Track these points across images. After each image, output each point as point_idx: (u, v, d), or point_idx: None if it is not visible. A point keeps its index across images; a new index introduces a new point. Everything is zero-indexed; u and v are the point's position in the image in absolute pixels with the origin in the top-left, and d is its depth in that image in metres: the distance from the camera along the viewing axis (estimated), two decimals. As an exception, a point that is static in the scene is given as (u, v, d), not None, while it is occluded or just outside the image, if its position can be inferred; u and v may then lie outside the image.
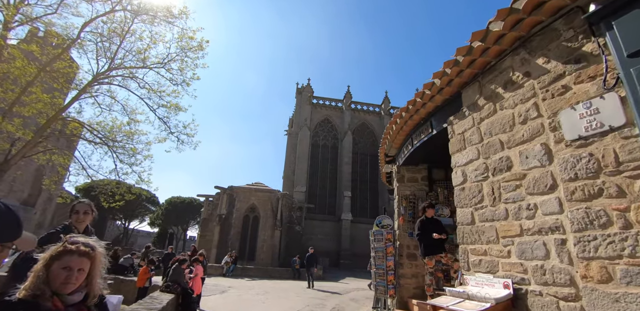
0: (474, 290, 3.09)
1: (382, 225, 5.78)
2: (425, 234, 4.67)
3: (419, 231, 4.72)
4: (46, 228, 33.43)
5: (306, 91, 33.71)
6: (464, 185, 3.77)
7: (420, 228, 4.73)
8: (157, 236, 48.00)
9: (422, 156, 6.02)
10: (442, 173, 6.26)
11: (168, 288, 6.68)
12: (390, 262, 5.31)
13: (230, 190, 22.86)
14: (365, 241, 27.76)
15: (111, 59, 10.81)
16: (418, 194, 6.06)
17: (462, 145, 3.90)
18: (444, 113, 4.54)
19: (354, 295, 11.16)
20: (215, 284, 12.70)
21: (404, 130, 5.49)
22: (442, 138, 4.90)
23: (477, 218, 3.46)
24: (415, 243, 5.76)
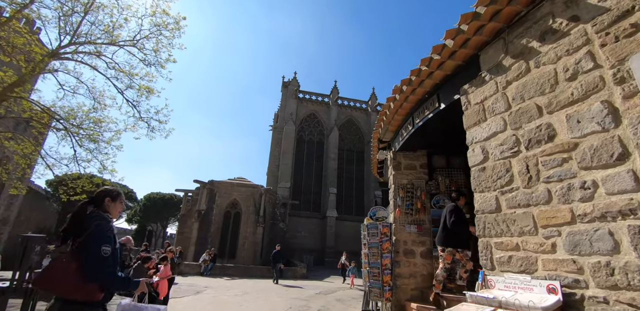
0: (505, 295, 2.38)
1: (376, 217, 5.06)
2: (461, 224, 4.01)
3: (454, 219, 4.03)
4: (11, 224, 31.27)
5: (292, 85, 32.75)
6: (484, 165, 3.06)
7: (457, 216, 4.09)
8: (135, 233, 46.13)
9: (421, 141, 5.32)
10: (443, 161, 5.58)
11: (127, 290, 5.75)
12: (387, 260, 4.59)
13: (210, 184, 21.73)
14: (350, 239, 27.26)
15: (74, 32, 9.62)
16: (416, 183, 5.36)
17: (482, 116, 3.19)
18: (454, 84, 3.83)
19: (340, 294, 10.45)
20: (191, 284, 11.73)
21: (404, 107, 4.75)
22: (449, 116, 4.21)
23: (505, 204, 2.75)
24: (413, 238, 5.07)
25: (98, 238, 1.80)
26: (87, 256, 1.76)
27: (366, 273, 5.11)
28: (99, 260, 1.76)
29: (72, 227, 1.87)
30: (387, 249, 4.66)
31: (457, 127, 4.52)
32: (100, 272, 1.76)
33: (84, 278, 1.72)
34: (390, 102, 4.92)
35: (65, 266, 1.75)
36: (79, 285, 1.71)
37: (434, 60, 3.77)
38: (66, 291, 1.72)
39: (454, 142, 5.33)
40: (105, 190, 2.07)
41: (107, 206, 2.02)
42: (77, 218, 1.90)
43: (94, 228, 1.81)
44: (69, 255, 1.79)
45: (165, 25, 10.90)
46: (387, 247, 4.67)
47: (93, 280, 1.74)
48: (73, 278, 1.71)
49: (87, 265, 1.75)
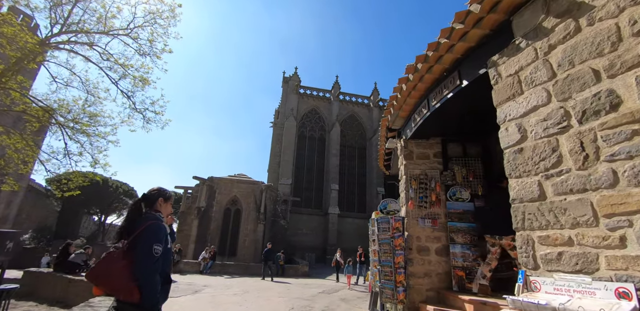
0: (558, 300, 1.93)
1: (387, 210, 4.60)
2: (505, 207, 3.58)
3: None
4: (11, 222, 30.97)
5: (293, 80, 32.23)
6: (521, 145, 2.59)
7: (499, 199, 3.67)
8: (135, 231, 45.90)
9: (436, 127, 4.85)
10: (458, 149, 5.11)
11: (116, 291, 5.32)
12: (400, 257, 4.14)
13: (210, 181, 21.31)
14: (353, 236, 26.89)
15: (64, 20, 9.15)
16: (430, 174, 4.89)
17: (517, 89, 2.72)
18: (478, 57, 3.35)
19: (344, 293, 10.03)
20: (190, 283, 11.32)
21: (418, 89, 4.28)
22: (471, 95, 3.74)
23: (551, 190, 2.29)
24: (427, 233, 4.61)
25: (150, 237, 1.82)
26: (138, 255, 1.77)
27: (376, 272, 4.67)
28: (149, 259, 1.78)
29: (127, 225, 1.91)
30: (400, 246, 4.21)
31: (480, 107, 4.06)
32: (147, 271, 1.76)
33: (129, 277, 1.73)
34: (402, 84, 4.45)
35: (115, 263, 1.77)
36: (123, 283, 1.72)
37: (456, 31, 3.30)
38: (111, 288, 1.75)
39: (471, 128, 4.88)
40: (159, 191, 2.11)
41: (159, 206, 2.06)
42: (133, 217, 1.94)
43: (147, 227, 1.84)
44: (121, 252, 1.80)
45: (160, 13, 10.44)
46: (400, 243, 4.22)
47: (138, 279, 1.73)
48: (118, 276, 1.73)
49: (137, 263, 1.76)
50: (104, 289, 1.77)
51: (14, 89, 8.75)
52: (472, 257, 4.26)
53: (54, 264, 8.31)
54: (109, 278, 1.73)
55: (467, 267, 4.25)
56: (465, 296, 3.74)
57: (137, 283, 1.72)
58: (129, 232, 1.86)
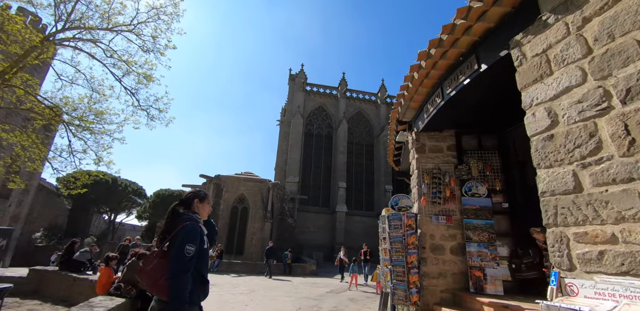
0: (604, 306, 1.67)
1: (398, 206, 4.34)
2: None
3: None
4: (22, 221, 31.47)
5: (299, 77, 31.98)
6: (552, 131, 2.32)
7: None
8: (145, 230, 46.39)
9: (450, 118, 4.57)
10: (474, 142, 4.82)
11: (118, 291, 5.17)
12: (413, 257, 3.88)
13: (217, 179, 21.26)
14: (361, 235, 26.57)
15: (67, 16, 9.06)
16: (444, 168, 4.62)
17: (545, 70, 2.44)
18: (498, 38, 3.08)
19: (352, 293, 9.80)
20: (196, 281, 11.22)
21: (431, 76, 4.01)
22: (490, 81, 3.46)
23: (589, 181, 2.01)
24: (442, 231, 4.34)
25: (184, 238, 1.86)
26: (172, 254, 1.83)
27: (387, 272, 4.43)
28: (181, 259, 1.82)
29: (166, 228, 1.97)
30: (413, 244, 3.95)
31: (499, 94, 3.78)
32: (177, 271, 1.79)
33: (163, 275, 1.78)
34: (414, 72, 4.18)
35: (153, 261, 1.85)
36: (156, 280, 1.78)
37: (474, 9, 3.02)
38: (148, 285, 1.83)
39: (488, 120, 4.59)
40: (194, 192, 2.18)
41: (196, 207, 2.12)
42: (171, 219, 2.01)
43: (182, 227, 1.89)
44: (160, 251, 1.89)
45: (163, 9, 10.28)
46: (413, 242, 3.96)
47: (170, 278, 1.77)
48: (154, 274, 1.80)
49: (171, 263, 1.81)
50: (145, 286, 1.87)
51: (18, 86, 8.69)
52: (490, 256, 3.99)
53: (59, 262, 8.26)
54: (147, 275, 1.83)
55: (485, 267, 3.97)
56: (484, 299, 3.48)
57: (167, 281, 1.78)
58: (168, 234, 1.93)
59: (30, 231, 33.50)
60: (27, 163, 11.35)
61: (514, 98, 3.83)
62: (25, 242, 32.06)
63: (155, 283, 1.78)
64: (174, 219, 1.99)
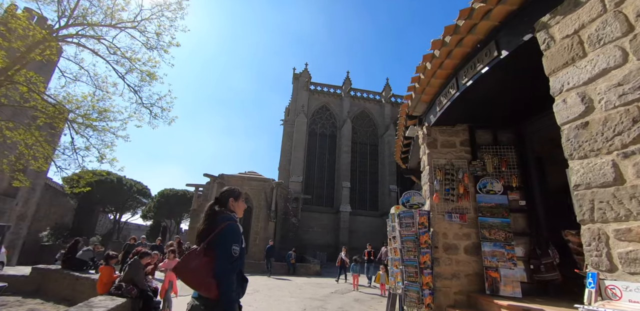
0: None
1: (410, 204, 4.13)
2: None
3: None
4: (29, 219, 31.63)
5: (303, 76, 31.81)
6: (587, 118, 2.11)
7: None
8: (150, 229, 46.62)
9: (462, 112, 4.36)
10: (488, 136, 4.60)
11: (119, 290, 5.02)
12: (426, 256, 3.67)
13: (220, 178, 21.15)
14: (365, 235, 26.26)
15: (70, 12, 8.97)
16: (457, 164, 4.41)
17: (578, 52, 2.23)
18: (520, 21, 2.87)
19: (357, 294, 9.60)
20: (199, 281, 11.08)
21: (445, 66, 3.80)
22: (512, 68, 3.25)
23: (632, 172, 1.80)
24: (455, 230, 4.13)
25: (230, 238, 1.89)
26: (219, 254, 1.85)
27: (397, 273, 4.22)
28: (229, 258, 1.85)
29: (205, 226, 1.98)
30: (426, 243, 3.74)
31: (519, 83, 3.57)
32: (226, 271, 1.82)
33: (209, 274, 1.81)
34: (427, 62, 3.97)
35: (196, 259, 1.85)
36: (203, 279, 1.79)
37: (495, -9, 2.81)
38: (192, 283, 1.81)
39: (504, 113, 4.37)
40: (228, 191, 2.18)
41: (232, 206, 2.13)
42: (209, 219, 2.01)
43: (225, 227, 1.91)
44: (202, 250, 1.89)
45: (167, 5, 10.17)
46: (426, 241, 3.75)
47: (217, 277, 1.80)
48: (199, 272, 1.81)
49: (218, 262, 1.83)
50: (188, 284, 1.83)
51: (21, 83, 8.61)
52: (507, 257, 3.77)
53: (62, 261, 8.15)
54: (192, 274, 1.82)
55: (501, 268, 3.75)
56: (502, 301, 3.26)
57: (215, 280, 1.79)
58: (208, 233, 1.93)
59: (37, 230, 33.75)
60: (31, 161, 11.30)
61: (533, 89, 3.63)
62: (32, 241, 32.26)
63: (202, 282, 1.79)
64: (213, 218, 2.01)
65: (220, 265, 1.82)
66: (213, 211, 2.06)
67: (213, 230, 1.92)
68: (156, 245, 12.07)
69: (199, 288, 1.81)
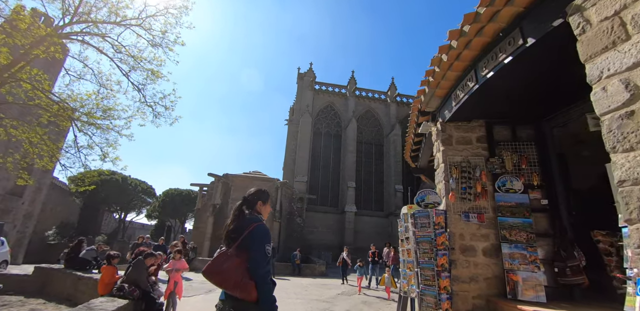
0: None
1: (425, 203, 3.92)
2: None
3: None
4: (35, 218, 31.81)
5: (308, 76, 31.66)
6: (632, 107, 1.90)
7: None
8: (154, 229, 46.77)
9: (479, 107, 4.16)
10: (506, 132, 4.39)
11: (121, 291, 4.87)
12: (444, 259, 3.47)
13: (225, 178, 21.06)
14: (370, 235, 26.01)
15: (75, 9, 8.88)
16: (474, 161, 4.20)
17: (620, 34, 2.02)
18: (549, 6, 2.66)
19: (365, 296, 9.38)
20: (204, 281, 10.81)
21: (462, 58, 3.60)
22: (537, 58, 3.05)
23: (693, 166, 1.59)
24: (472, 230, 3.93)
25: (263, 238, 1.90)
26: (253, 255, 1.83)
27: (411, 275, 4.03)
28: (264, 258, 1.85)
29: (234, 226, 1.97)
30: (444, 244, 3.54)
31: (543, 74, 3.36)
32: (263, 271, 1.81)
33: (245, 275, 1.78)
34: (442, 54, 3.77)
35: (228, 261, 1.82)
36: (240, 281, 1.76)
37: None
38: (229, 286, 1.78)
39: (524, 107, 4.15)
40: (258, 194, 2.16)
41: (259, 208, 2.12)
42: (238, 219, 2.01)
43: (256, 228, 1.90)
44: (233, 251, 1.87)
45: (173, 2, 10.06)
46: (443, 242, 3.55)
47: (255, 278, 1.78)
48: (235, 274, 1.77)
49: (253, 263, 1.81)
50: (221, 286, 1.80)
51: (25, 80, 8.53)
52: (529, 259, 3.56)
53: (65, 260, 8.06)
54: (226, 276, 1.78)
55: (523, 271, 3.54)
56: (527, 307, 3.06)
57: (253, 281, 1.77)
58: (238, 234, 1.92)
59: (43, 229, 33.99)
60: (36, 159, 11.27)
61: (557, 81, 3.41)
62: (38, 240, 32.49)
63: (238, 284, 1.76)
64: (242, 218, 2.00)
65: (257, 266, 1.80)
66: (241, 211, 2.05)
67: (242, 230, 1.91)
68: (159, 245, 11.96)
69: (234, 290, 1.76)
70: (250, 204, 2.10)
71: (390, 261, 11.13)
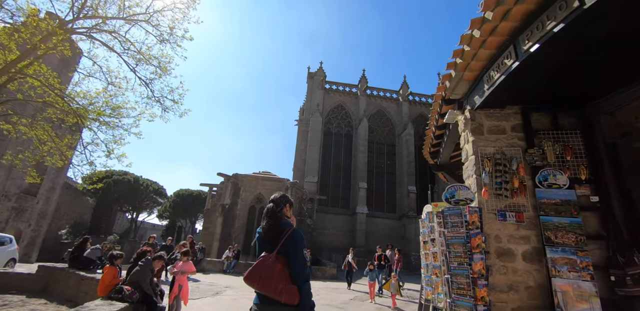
0: None
1: (455, 199, 3.41)
2: None
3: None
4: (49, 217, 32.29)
5: (318, 75, 31.28)
6: None
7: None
8: (165, 229, 47.18)
9: (515, 91, 3.66)
10: (545, 120, 3.86)
11: (119, 294, 4.53)
12: (480, 264, 2.96)
13: (235, 178, 20.82)
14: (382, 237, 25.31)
15: (82, 4, 8.71)
16: (509, 152, 3.70)
17: None
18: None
19: (379, 301, 8.87)
20: (212, 283, 10.63)
21: (499, 31, 3.11)
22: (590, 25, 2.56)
23: None
24: (510, 231, 3.42)
25: (300, 244, 1.93)
26: (295, 260, 1.87)
27: (437, 282, 3.55)
28: (304, 263, 1.89)
29: (272, 230, 1.99)
30: (479, 247, 3.03)
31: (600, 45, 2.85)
32: (304, 275, 1.84)
33: (288, 280, 1.81)
34: (474, 29, 3.29)
35: (271, 266, 1.84)
36: (285, 286, 1.78)
37: None
38: (272, 291, 1.78)
39: (566, 90, 3.62)
40: (284, 197, 2.20)
41: (287, 212, 2.15)
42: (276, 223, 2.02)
43: (294, 233, 1.95)
44: (274, 256, 1.88)
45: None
46: (479, 244, 3.03)
47: (298, 283, 1.81)
48: (278, 279, 1.80)
49: (294, 268, 1.85)
50: (264, 291, 1.80)
51: (32, 76, 8.39)
52: (581, 265, 3.03)
53: (69, 259, 7.83)
54: (270, 282, 1.79)
55: (573, 279, 3.02)
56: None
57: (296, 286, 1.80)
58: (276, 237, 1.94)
59: (57, 228, 34.54)
60: (47, 157, 11.19)
61: (610, 55, 2.91)
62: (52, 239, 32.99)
63: (283, 289, 1.77)
64: (279, 222, 2.02)
65: (299, 270, 1.83)
66: (278, 216, 2.06)
67: (280, 235, 1.93)
68: (166, 245, 11.73)
69: (278, 295, 1.76)
70: (280, 207, 2.12)
71: (396, 265, 10.44)
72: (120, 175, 38.19)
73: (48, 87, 8.80)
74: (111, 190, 36.00)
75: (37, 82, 8.54)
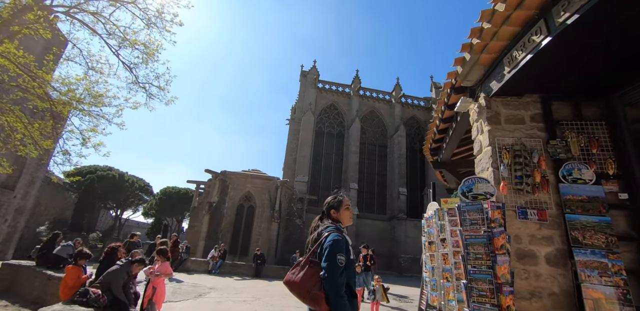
0: None
1: (473, 194, 3.00)
2: None
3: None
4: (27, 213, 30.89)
5: (311, 73, 30.88)
6: None
7: None
8: (151, 227, 45.93)
9: (534, 78, 3.30)
10: (567, 110, 3.52)
11: (84, 297, 3.98)
12: (504, 267, 2.55)
13: (223, 175, 20.18)
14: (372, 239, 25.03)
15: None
16: (529, 144, 3.34)
17: None
18: None
19: (371, 304, 8.44)
20: (195, 284, 10.05)
21: (528, 4, 2.75)
22: None
23: None
24: (531, 231, 3.05)
25: (333, 247, 1.83)
26: (324, 265, 1.80)
27: (448, 287, 3.15)
28: (336, 269, 1.78)
29: (314, 238, 1.99)
30: (504, 248, 2.62)
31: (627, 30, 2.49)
32: (334, 282, 1.75)
33: (317, 286, 1.75)
34: (498, 2, 2.92)
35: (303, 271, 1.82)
36: (311, 292, 1.74)
37: None
38: (303, 297, 1.76)
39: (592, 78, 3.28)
40: (328, 203, 2.18)
41: (334, 216, 2.11)
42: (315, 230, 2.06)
43: (328, 237, 1.89)
44: (307, 260, 1.87)
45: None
46: (503, 245, 2.64)
47: (326, 289, 1.74)
48: (307, 285, 1.77)
49: (323, 274, 1.77)
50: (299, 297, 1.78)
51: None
52: (612, 269, 2.68)
53: (37, 257, 7.16)
54: (300, 287, 1.76)
55: (604, 285, 2.66)
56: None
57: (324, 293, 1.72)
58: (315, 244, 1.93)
59: (36, 224, 33.05)
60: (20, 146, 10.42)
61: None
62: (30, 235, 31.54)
63: (308, 294, 1.73)
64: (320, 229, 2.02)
65: (327, 277, 1.74)
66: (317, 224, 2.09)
67: (318, 240, 1.93)
68: (154, 243, 11.08)
69: (309, 302, 1.74)
70: (324, 214, 2.13)
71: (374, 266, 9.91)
72: (105, 171, 36.95)
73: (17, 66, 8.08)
74: (95, 185, 34.74)
75: (6, 61, 7.84)
